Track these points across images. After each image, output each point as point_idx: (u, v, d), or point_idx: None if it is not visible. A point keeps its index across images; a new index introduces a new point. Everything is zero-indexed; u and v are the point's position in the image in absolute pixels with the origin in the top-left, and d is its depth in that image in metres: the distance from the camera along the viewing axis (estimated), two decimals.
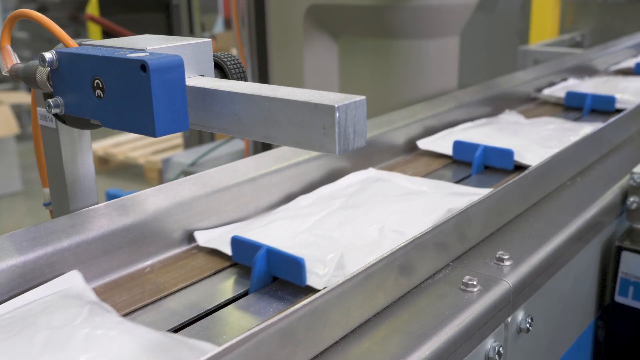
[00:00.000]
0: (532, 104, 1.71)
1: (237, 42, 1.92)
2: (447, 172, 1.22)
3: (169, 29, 4.16)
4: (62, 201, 0.82)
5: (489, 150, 1.20)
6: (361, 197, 1.02)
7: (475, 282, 0.75)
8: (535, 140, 1.30)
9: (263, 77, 1.89)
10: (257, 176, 0.98)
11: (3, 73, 0.74)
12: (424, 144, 1.31)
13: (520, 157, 1.19)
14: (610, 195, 1.05)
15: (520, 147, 1.22)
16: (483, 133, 1.35)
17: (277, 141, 0.58)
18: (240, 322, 0.72)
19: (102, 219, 0.80)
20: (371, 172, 1.15)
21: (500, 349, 0.75)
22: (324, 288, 0.64)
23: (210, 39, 0.69)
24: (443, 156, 1.27)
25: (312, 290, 0.76)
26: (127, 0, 5.02)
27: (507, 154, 1.18)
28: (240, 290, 0.78)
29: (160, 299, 0.76)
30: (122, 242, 0.80)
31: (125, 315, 0.72)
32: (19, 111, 5.11)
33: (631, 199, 1.06)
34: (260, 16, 1.84)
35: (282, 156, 1.04)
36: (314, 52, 1.78)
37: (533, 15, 3.83)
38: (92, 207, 0.81)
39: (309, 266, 0.77)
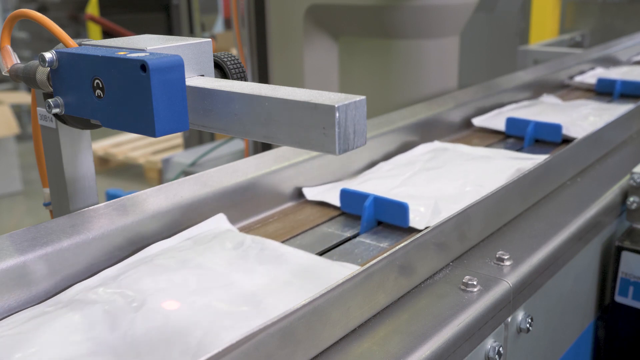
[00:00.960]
0: (565, 90, 1.88)
1: (237, 42, 1.92)
2: (501, 145, 1.37)
3: (169, 29, 4.16)
4: (62, 201, 0.82)
5: (539, 126, 1.36)
6: (437, 161, 1.20)
7: (475, 282, 0.75)
8: (578, 117, 1.44)
9: (263, 77, 1.89)
10: (257, 176, 0.98)
11: (3, 73, 0.74)
12: (478, 121, 1.47)
13: (567, 131, 1.34)
14: (610, 195, 1.05)
15: (566, 123, 1.36)
16: (530, 112, 1.51)
17: (277, 141, 0.58)
18: (362, 252, 0.89)
19: (102, 219, 0.80)
20: (437, 144, 1.32)
21: (500, 349, 0.75)
22: (425, 228, 0.83)
23: (210, 39, 0.69)
24: (496, 132, 1.44)
25: (413, 231, 0.94)
26: (127, 0, 5.02)
27: (556, 128, 1.33)
28: (353, 233, 0.95)
29: None
30: (122, 242, 0.80)
31: None
32: (19, 111, 5.11)
33: (631, 199, 1.06)
34: (260, 16, 1.84)
35: (282, 156, 1.04)
36: (314, 52, 1.78)
37: (533, 15, 3.83)
38: (92, 207, 0.81)
39: (410, 211, 0.94)
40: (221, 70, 0.72)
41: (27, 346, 0.62)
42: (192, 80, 0.65)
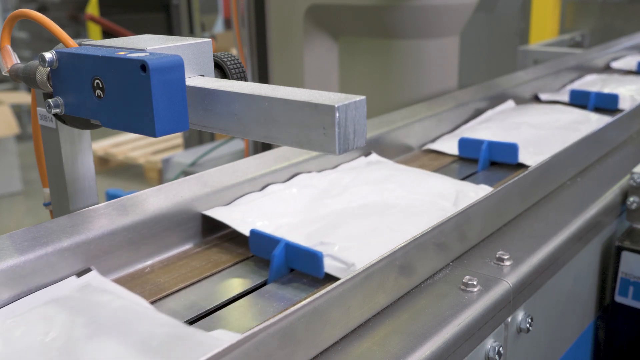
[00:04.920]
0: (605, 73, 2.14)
1: (237, 42, 1.92)
2: None
3: (169, 29, 4.16)
4: (62, 201, 0.82)
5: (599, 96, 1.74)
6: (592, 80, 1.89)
7: (475, 282, 0.75)
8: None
9: (263, 77, 1.89)
10: (257, 176, 0.98)
11: (3, 73, 0.74)
12: (618, 65, 2.13)
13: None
14: (610, 195, 1.05)
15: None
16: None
17: (277, 141, 0.58)
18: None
19: (102, 219, 0.79)
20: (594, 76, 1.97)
21: (500, 349, 0.75)
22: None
23: (210, 39, 0.69)
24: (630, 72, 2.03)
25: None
26: (127, 0, 5.02)
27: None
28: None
29: (160, 299, 0.76)
30: (122, 242, 0.80)
31: None
32: (19, 111, 5.11)
33: (631, 199, 1.06)
34: (260, 16, 1.84)
35: (282, 156, 1.04)
36: (314, 52, 1.78)
37: (533, 15, 3.83)
38: (92, 207, 0.81)
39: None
40: (221, 70, 0.72)
41: None
42: (192, 80, 0.65)
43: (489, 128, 1.38)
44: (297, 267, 0.80)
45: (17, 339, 0.64)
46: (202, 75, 0.68)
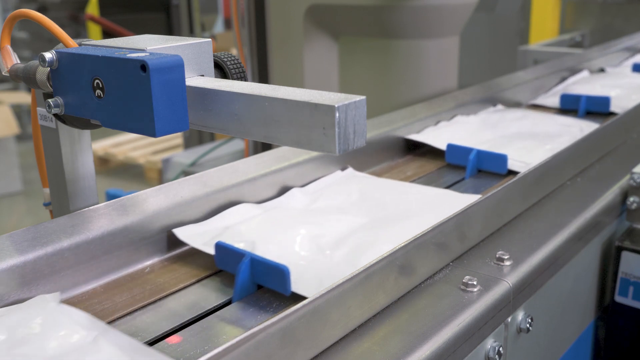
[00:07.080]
0: None
1: (237, 42, 1.91)
2: None
3: (169, 29, 4.16)
4: (62, 201, 0.82)
5: None
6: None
7: (475, 282, 0.75)
8: None
9: (263, 77, 1.89)
10: (257, 176, 0.98)
11: (3, 73, 0.74)
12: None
13: None
14: (610, 195, 1.05)
15: None
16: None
17: (277, 141, 0.58)
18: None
19: (102, 219, 0.79)
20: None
21: (500, 349, 0.75)
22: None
23: (210, 39, 0.69)
24: None
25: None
26: (127, 0, 5.03)
27: None
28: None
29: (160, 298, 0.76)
30: (122, 242, 0.80)
31: (124, 315, 0.72)
32: (19, 111, 5.11)
33: (631, 199, 1.06)
34: (260, 16, 1.84)
35: (282, 156, 1.04)
36: (314, 52, 1.78)
37: (533, 15, 3.83)
38: (92, 207, 0.81)
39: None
40: (221, 70, 0.72)
41: None
42: (192, 80, 0.65)
43: (576, 89, 1.75)
44: (486, 168, 1.18)
45: (328, 199, 0.98)
46: (202, 75, 0.68)
